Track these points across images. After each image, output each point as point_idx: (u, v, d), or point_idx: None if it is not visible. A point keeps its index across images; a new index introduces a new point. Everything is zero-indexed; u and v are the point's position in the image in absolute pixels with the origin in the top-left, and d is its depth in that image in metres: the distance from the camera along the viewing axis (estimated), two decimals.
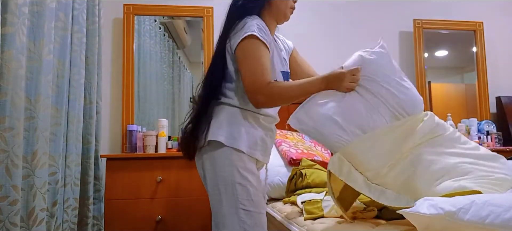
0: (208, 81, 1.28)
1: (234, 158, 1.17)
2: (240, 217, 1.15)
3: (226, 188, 1.17)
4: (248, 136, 1.22)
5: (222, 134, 1.19)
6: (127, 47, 2.70)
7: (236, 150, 1.18)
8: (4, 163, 1.59)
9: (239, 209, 1.15)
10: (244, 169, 1.18)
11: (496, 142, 2.86)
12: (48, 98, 1.87)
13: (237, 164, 1.17)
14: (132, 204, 2.21)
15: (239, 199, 1.16)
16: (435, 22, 3.19)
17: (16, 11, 1.64)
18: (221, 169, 1.18)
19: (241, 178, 1.17)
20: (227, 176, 1.17)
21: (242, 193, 1.16)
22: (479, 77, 3.19)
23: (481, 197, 0.94)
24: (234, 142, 1.18)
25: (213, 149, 1.19)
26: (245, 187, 1.17)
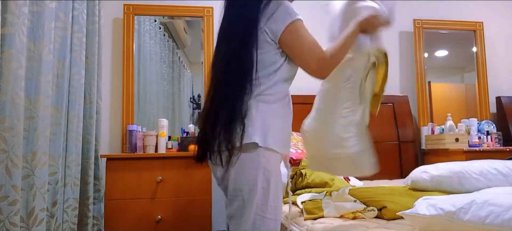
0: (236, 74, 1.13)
1: (262, 159, 1.10)
2: (255, 223, 1.10)
3: (248, 191, 1.10)
4: (278, 132, 1.15)
5: (256, 134, 1.10)
6: (127, 47, 2.70)
7: (268, 150, 1.11)
8: (4, 163, 1.59)
9: (256, 214, 1.10)
10: (270, 171, 1.11)
11: (496, 142, 2.86)
12: (48, 98, 1.87)
13: (264, 166, 1.10)
14: (132, 204, 2.21)
15: (258, 204, 1.10)
16: (435, 22, 3.19)
17: (16, 11, 1.64)
18: (248, 172, 1.10)
19: (265, 182, 1.11)
20: (251, 179, 1.09)
21: (262, 198, 1.10)
22: (479, 77, 3.19)
23: (481, 197, 0.94)
24: (267, 141, 1.10)
25: (246, 150, 1.10)
26: (267, 192, 1.11)
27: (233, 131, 1.09)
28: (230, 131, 1.09)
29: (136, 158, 2.28)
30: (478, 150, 2.57)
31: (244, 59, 1.13)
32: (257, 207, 1.10)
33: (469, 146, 2.69)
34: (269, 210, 1.11)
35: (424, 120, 3.04)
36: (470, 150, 2.55)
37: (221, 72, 1.16)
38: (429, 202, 1.02)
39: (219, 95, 1.15)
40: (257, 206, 1.10)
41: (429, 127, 2.93)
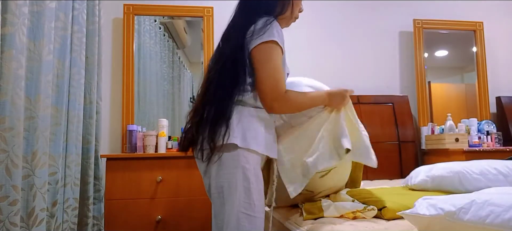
0: (229, 76, 1.21)
1: (241, 159, 1.15)
2: (240, 221, 1.13)
3: (230, 190, 1.15)
4: (260, 136, 1.21)
5: (237, 136, 1.16)
6: (127, 47, 2.70)
7: (249, 151, 1.17)
8: (4, 163, 1.59)
9: (240, 212, 1.14)
10: (249, 170, 1.16)
11: (496, 142, 2.86)
12: (48, 98, 1.87)
13: (243, 165, 1.15)
14: (132, 204, 2.21)
15: (241, 202, 1.14)
16: (435, 22, 3.19)
17: (16, 11, 1.64)
18: (227, 171, 1.16)
19: (245, 180, 1.15)
20: (232, 178, 1.15)
21: (244, 197, 1.15)
22: (479, 77, 3.19)
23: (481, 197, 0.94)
24: (247, 142, 1.17)
25: (226, 150, 1.16)
26: (248, 190, 1.15)
27: (217, 130, 1.16)
28: (214, 129, 1.17)
29: (136, 158, 2.28)
30: (478, 150, 2.57)
31: (238, 64, 1.20)
32: (240, 205, 1.14)
33: (469, 146, 2.70)
34: (255, 208, 1.16)
35: (424, 120, 3.04)
36: (470, 150, 2.55)
37: (215, 73, 1.23)
38: (429, 202, 1.02)
39: (210, 94, 1.22)
40: (239, 204, 1.14)
41: (429, 127, 2.93)
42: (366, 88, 3.06)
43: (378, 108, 2.98)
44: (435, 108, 3.10)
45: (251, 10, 1.27)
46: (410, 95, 3.13)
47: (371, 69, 3.14)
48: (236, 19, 1.30)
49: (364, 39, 3.16)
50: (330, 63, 3.07)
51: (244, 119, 1.20)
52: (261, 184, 1.21)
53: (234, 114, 1.19)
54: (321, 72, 3.01)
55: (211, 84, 1.23)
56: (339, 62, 3.09)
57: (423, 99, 3.07)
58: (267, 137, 1.24)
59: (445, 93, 3.23)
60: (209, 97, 1.22)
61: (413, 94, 3.14)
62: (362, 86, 3.06)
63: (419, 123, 3.05)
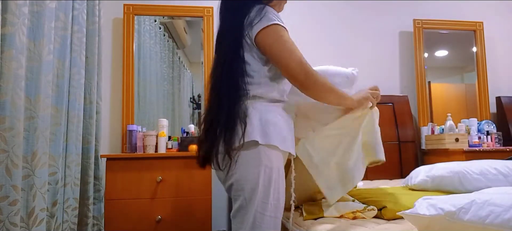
0: (229, 78, 1.15)
1: (263, 157, 1.10)
2: (255, 221, 1.09)
3: (249, 189, 1.10)
4: (279, 128, 1.15)
5: (257, 132, 1.11)
6: (127, 47, 2.70)
7: (270, 147, 1.11)
8: (4, 163, 1.59)
9: (257, 212, 1.10)
10: (271, 169, 1.11)
11: (496, 142, 2.86)
12: (48, 98, 1.87)
13: (265, 163, 1.10)
14: (132, 204, 2.21)
15: (259, 202, 1.10)
16: (435, 22, 3.19)
17: (16, 11, 1.64)
18: (249, 170, 1.10)
19: (266, 179, 1.10)
20: (252, 177, 1.10)
21: (262, 196, 1.10)
22: (479, 77, 3.19)
23: (481, 197, 0.94)
24: (267, 138, 1.11)
25: (246, 149, 1.10)
26: (267, 189, 1.11)
27: (233, 132, 1.10)
28: (229, 132, 1.10)
29: (136, 158, 2.28)
30: (478, 150, 2.57)
31: (234, 64, 1.15)
32: (258, 205, 1.10)
33: (469, 146, 2.69)
34: (269, 207, 1.11)
35: (424, 120, 3.04)
36: (470, 150, 2.55)
37: (216, 78, 1.20)
38: (429, 202, 1.02)
39: (216, 100, 1.17)
40: (258, 204, 1.10)
41: (429, 127, 2.93)
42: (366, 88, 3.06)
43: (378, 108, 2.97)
44: (435, 108, 3.10)
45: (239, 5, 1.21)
46: (410, 95, 3.13)
47: (371, 69, 3.14)
48: (226, 19, 1.24)
49: (364, 39, 3.16)
50: (330, 63, 3.07)
51: (262, 114, 1.14)
52: (282, 184, 1.16)
53: (250, 110, 1.13)
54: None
55: (215, 90, 1.18)
56: (339, 62, 3.09)
57: (423, 99, 3.07)
58: (288, 132, 1.19)
59: (445, 93, 3.23)
60: (216, 103, 1.16)
61: (413, 94, 3.14)
62: (362, 86, 3.05)
63: (419, 123, 3.05)
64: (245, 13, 1.17)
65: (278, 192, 1.14)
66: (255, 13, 1.16)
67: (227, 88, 1.14)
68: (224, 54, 1.18)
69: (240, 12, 1.19)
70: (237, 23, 1.18)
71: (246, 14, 1.17)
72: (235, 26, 1.18)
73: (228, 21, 1.22)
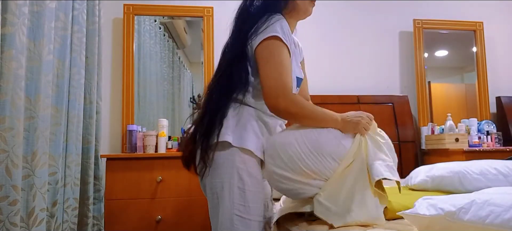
0: (227, 82, 1.16)
1: (237, 159, 1.11)
2: (234, 223, 1.09)
3: (224, 191, 1.11)
4: (257, 136, 1.16)
5: (231, 133, 1.12)
6: (127, 47, 2.70)
7: (243, 150, 1.12)
8: (4, 163, 1.59)
9: (233, 214, 1.09)
10: (245, 171, 1.12)
11: (496, 142, 2.86)
12: (48, 98, 1.87)
13: (238, 165, 1.11)
14: (132, 204, 2.21)
15: (235, 204, 1.10)
16: (435, 22, 3.19)
17: (16, 11, 1.64)
18: (222, 171, 1.12)
19: (240, 181, 1.11)
20: (226, 178, 1.11)
21: (239, 198, 1.10)
22: (479, 77, 3.19)
23: (481, 197, 0.94)
24: (242, 141, 1.12)
25: (221, 149, 1.12)
26: (243, 192, 1.11)
27: (212, 129, 1.12)
28: (210, 129, 1.13)
29: (136, 158, 2.28)
30: (478, 150, 2.57)
31: (239, 64, 1.15)
32: (234, 206, 1.10)
33: (469, 146, 2.69)
34: (251, 211, 1.11)
35: (424, 120, 3.04)
36: (470, 150, 2.55)
37: (213, 84, 1.20)
38: (429, 202, 1.02)
39: (207, 105, 1.18)
40: (233, 205, 1.10)
41: (429, 127, 2.93)
42: (366, 88, 3.06)
43: (378, 108, 2.98)
44: (435, 108, 3.10)
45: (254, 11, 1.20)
46: (410, 95, 3.13)
47: (371, 69, 3.14)
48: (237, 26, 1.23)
49: (364, 39, 3.16)
50: (330, 63, 3.07)
51: (242, 118, 1.15)
52: (259, 187, 1.15)
53: (230, 112, 1.15)
54: (321, 72, 3.01)
55: (209, 96, 1.19)
56: (339, 62, 3.09)
57: (423, 99, 3.06)
58: (260, 138, 1.18)
59: (445, 93, 3.23)
60: (206, 108, 1.17)
61: (413, 94, 3.14)
62: (362, 86, 3.06)
63: (419, 123, 3.05)
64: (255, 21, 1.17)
65: (255, 194, 1.13)
66: (263, 20, 1.15)
67: (219, 98, 1.16)
68: (231, 55, 1.18)
69: (250, 19, 1.18)
70: (245, 31, 1.17)
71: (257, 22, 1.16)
72: (241, 37, 1.18)
73: (236, 31, 1.22)
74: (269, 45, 1.12)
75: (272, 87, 1.10)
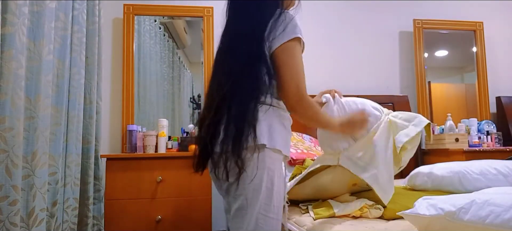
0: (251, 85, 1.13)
1: (267, 160, 1.11)
2: (258, 222, 1.10)
3: (253, 191, 1.10)
4: (282, 135, 1.17)
5: (265, 136, 1.11)
6: (127, 47, 2.70)
7: (273, 150, 1.12)
8: (4, 163, 1.59)
9: (259, 213, 1.10)
10: (274, 171, 1.12)
11: (496, 142, 2.86)
12: (48, 98, 1.87)
13: (268, 166, 1.11)
14: (132, 204, 2.21)
15: (261, 203, 1.10)
16: (435, 22, 3.19)
17: (16, 11, 1.64)
18: (254, 172, 1.10)
19: (269, 181, 1.11)
20: (256, 179, 1.10)
21: (265, 198, 1.10)
22: (479, 77, 3.19)
23: (481, 197, 0.94)
24: (273, 142, 1.12)
25: (253, 151, 1.10)
26: (270, 192, 1.11)
27: (243, 137, 1.08)
28: (239, 142, 1.08)
29: (136, 158, 2.28)
30: (478, 150, 2.57)
31: (257, 78, 1.12)
32: (260, 206, 1.10)
33: (469, 146, 2.69)
34: (273, 209, 1.12)
35: None
36: (470, 150, 2.55)
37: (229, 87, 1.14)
38: (429, 202, 1.02)
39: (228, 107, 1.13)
40: (261, 205, 1.10)
41: None
42: (366, 88, 3.06)
43: None
44: (435, 108, 3.10)
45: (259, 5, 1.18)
46: (410, 95, 3.13)
47: (371, 69, 3.14)
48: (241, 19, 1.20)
49: (364, 39, 3.16)
50: (330, 63, 3.07)
51: (269, 119, 1.14)
52: (283, 185, 1.18)
53: (261, 115, 1.13)
54: (321, 72, 3.01)
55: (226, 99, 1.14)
56: (339, 62, 3.09)
57: (423, 99, 3.07)
58: (288, 137, 1.22)
59: (445, 93, 3.23)
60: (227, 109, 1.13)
61: (413, 94, 3.14)
62: (362, 86, 3.06)
63: None
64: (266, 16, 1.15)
65: (280, 194, 1.15)
66: (279, 20, 1.14)
67: (243, 98, 1.12)
68: (241, 67, 1.14)
69: (260, 13, 1.16)
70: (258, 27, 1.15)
71: (268, 19, 1.14)
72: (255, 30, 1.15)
73: (244, 29, 1.18)
74: (289, 48, 1.13)
75: (294, 92, 1.14)
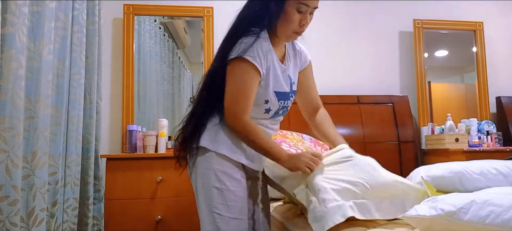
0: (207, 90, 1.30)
1: (213, 161, 1.21)
2: (215, 221, 1.18)
3: (203, 190, 1.21)
4: (233, 140, 1.24)
5: (207, 139, 1.23)
6: (127, 47, 2.70)
7: (218, 154, 1.21)
8: (4, 163, 1.59)
9: (213, 213, 1.19)
10: (223, 173, 1.21)
11: (496, 142, 2.85)
12: (48, 98, 1.87)
13: (215, 167, 1.21)
14: (132, 204, 2.21)
15: (214, 203, 1.19)
16: (435, 22, 3.19)
17: (16, 11, 1.64)
18: (201, 172, 1.23)
19: (217, 182, 1.20)
20: (204, 179, 1.21)
21: (217, 197, 1.19)
22: (479, 77, 3.19)
23: (481, 197, 0.94)
24: (216, 146, 1.22)
25: (201, 153, 1.24)
26: (221, 192, 1.19)
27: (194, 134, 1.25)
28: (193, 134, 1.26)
29: (136, 158, 2.28)
30: (478, 150, 2.57)
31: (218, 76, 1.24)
32: (212, 205, 1.19)
33: (469, 146, 2.69)
34: (231, 209, 1.19)
35: (424, 120, 3.04)
36: (470, 150, 2.55)
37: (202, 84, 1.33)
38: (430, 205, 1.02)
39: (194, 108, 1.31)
40: (212, 204, 1.19)
41: (429, 127, 2.93)
42: (366, 88, 3.06)
43: (378, 108, 2.98)
44: (435, 108, 3.10)
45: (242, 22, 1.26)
46: (410, 95, 3.13)
47: (371, 69, 3.14)
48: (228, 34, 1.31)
49: (364, 39, 3.16)
50: (330, 63, 3.07)
51: (220, 124, 1.25)
52: (239, 187, 1.24)
53: (211, 119, 1.26)
54: (321, 72, 3.00)
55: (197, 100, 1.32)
56: (339, 62, 3.09)
57: (423, 99, 3.06)
58: (244, 145, 1.26)
59: (445, 93, 3.23)
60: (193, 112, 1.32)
61: (413, 94, 3.14)
62: (362, 86, 3.06)
63: (419, 123, 3.05)
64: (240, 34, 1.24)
65: (236, 194, 1.22)
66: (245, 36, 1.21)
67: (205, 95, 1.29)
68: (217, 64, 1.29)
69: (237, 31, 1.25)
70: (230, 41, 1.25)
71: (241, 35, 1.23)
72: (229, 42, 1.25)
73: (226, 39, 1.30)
74: (234, 67, 1.19)
75: (229, 110, 1.20)
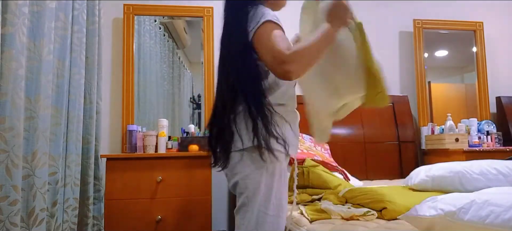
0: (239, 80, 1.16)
1: (266, 159, 1.13)
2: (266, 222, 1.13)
3: (253, 190, 1.13)
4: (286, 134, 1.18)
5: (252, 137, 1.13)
6: (127, 47, 2.70)
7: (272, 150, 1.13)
8: (4, 163, 1.59)
9: (260, 211, 1.13)
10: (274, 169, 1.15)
11: (496, 142, 2.86)
12: (48, 98, 1.87)
13: (268, 165, 1.14)
14: (132, 204, 2.21)
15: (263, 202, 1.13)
16: (435, 22, 3.19)
17: (16, 11, 1.64)
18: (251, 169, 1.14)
19: (268, 179, 1.14)
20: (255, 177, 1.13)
21: (267, 196, 1.14)
22: (479, 77, 3.19)
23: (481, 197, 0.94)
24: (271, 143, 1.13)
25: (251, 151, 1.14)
26: (270, 189, 1.14)
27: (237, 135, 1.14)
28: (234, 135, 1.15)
29: (136, 158, 2.28)
30: (478, 150, 2.57)
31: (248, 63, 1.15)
32: (261, 204, 1.13)
33: (469, 146, 2.70)
34: (271, 206, 1.14)
35: (424, 120, 3.04)
36: (470, 150, 2.55)
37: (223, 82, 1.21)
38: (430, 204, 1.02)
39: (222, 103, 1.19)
40: (261, 203, 1.13)
41: (429, 127, 2.93)
42: None
43: (378, 108, 2.98)
44: (435, 108, 3.11)
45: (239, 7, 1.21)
46: (410, 95, 3.13)
47: None
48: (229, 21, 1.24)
49: None
50: None
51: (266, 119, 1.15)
52: (284, 183, 1.20)
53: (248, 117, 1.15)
54: None
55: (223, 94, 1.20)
56: None
57: (423, 99, 3.07)
58: (292, 137, 1.21)
59: (445, 93, 3.23)
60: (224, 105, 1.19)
61: (413, 94, 3.14)
62: None
63: (419, 123, 3.05)
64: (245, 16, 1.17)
65: (281, 191, 1.17)
66: (256, 12, 1.16)
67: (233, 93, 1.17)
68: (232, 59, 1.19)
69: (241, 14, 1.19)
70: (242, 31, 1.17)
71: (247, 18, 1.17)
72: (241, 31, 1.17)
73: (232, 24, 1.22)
74: (262, 29, 1.12)
75: (275, 59, 1.07)
